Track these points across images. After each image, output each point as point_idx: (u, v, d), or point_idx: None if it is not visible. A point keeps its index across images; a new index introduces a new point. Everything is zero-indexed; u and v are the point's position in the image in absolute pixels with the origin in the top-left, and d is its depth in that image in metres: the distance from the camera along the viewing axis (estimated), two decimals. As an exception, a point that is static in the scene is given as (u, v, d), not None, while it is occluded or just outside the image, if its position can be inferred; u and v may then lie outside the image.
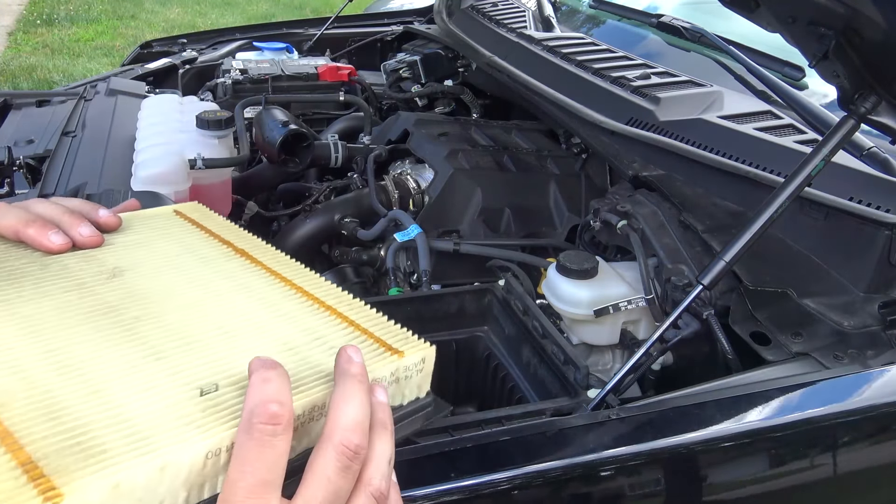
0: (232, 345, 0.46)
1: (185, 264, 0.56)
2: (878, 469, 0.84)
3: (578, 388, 0.80)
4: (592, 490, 0.71)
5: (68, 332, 0.46)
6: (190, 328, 0.48)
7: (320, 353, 0.47)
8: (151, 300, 0.50)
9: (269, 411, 0.38)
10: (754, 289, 0.89)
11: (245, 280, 0.54)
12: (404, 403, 0.50)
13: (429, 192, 1.32)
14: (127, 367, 0.43)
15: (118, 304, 0.49)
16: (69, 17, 5.87)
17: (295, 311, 0.51)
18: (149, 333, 0.46)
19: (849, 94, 0.82)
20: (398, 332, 0.51)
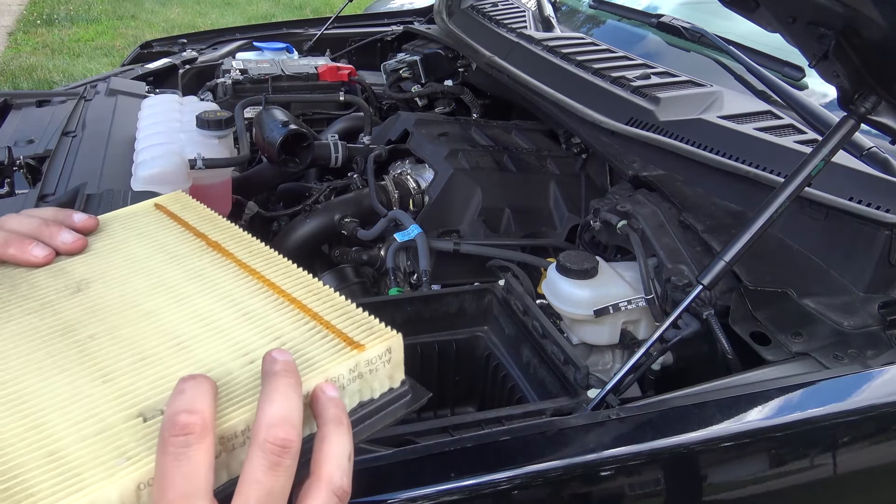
0: (185, 357, 0.46)
1: (154, 267, 0.55)
2: (878, 469, 0.84)
3: (578, 388, 0.80)
4: (592, 490, 0.71)
5: (20, 361, 0.46)
6: (144, 342, 0.47)
7: None
8: (111, 313, 0.50)
9: (178, 422, 0.37)
10: (754, 289, 0.89)
11: (212, 277, 0.53)
12: (375, 397, 0.48)
13: (429, 192, 1.32)
14: (72, 394, 0.43)
15: (77, 322, 0.49)
16: (69, 17, 5.87)
17: (258, 309, 0.50)
18: (101, 352, 0.46)
19: (849, 94, 0.82)
20: (364, 322, 0.49)
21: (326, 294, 0.51)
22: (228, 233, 0.59)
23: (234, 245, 0.57)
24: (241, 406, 0.42)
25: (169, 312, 0.50)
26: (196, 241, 0.58)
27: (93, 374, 0.44)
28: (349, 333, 0.47)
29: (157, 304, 0.51)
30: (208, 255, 0.56)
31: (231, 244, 0.57)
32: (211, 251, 0.56)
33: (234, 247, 0.57)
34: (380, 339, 0.47)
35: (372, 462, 0.65)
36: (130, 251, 0.57)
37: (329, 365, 0.45)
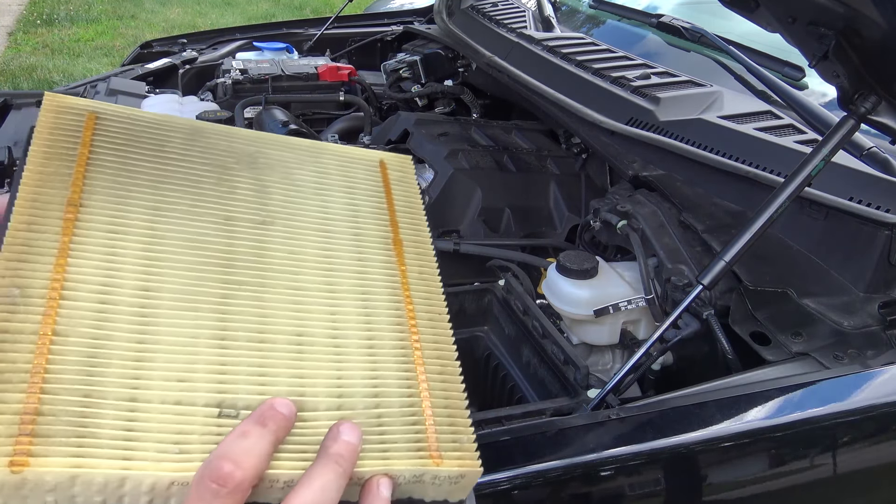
0: (292, 365, 0.45)
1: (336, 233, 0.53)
2: (878, 469, 0.84)
3: (578, 388, 0.80)
4: (592, 490, 0.71)
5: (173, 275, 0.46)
6: (274, 322, 0.47)
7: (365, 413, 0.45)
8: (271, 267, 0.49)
9: (219, 470, 0.36)
10: (754, 289, 0.89)
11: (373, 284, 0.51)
12: (426, 500, 0.45)
13: (429, 192, 1.32)
14: (186, 345, 0.44)
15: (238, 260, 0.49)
16: (69, 17, 5.87)
17: (384, 351, 0.48)
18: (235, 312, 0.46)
19: (849, 94, 0.82)
20: (458, 429, 0.46)
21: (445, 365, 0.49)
22: (415, 234, 0.56)
23: (412, 253, 0.55)
24: (297, 458, 0.41)
25: (314, 300, 0.49)
26: (387, 228, 0.55)
27: (215, 334, 0.45)
28: (438, 436, 0.45)
29: (312, 281, 0.50)
30: (385, 254, 0.54)
31: (410, 251, 0.55)
32: (391, 251, 0.54)
33: (411, 256, 0.55)
34: (459, 461, 0.44)
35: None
36: (331, 201, 0.55)
37: (398, 462, 0.43)
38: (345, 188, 0.57)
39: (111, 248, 0.46)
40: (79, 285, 0.43)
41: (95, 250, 0.45)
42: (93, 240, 0.46)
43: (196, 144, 0.53)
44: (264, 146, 0.56)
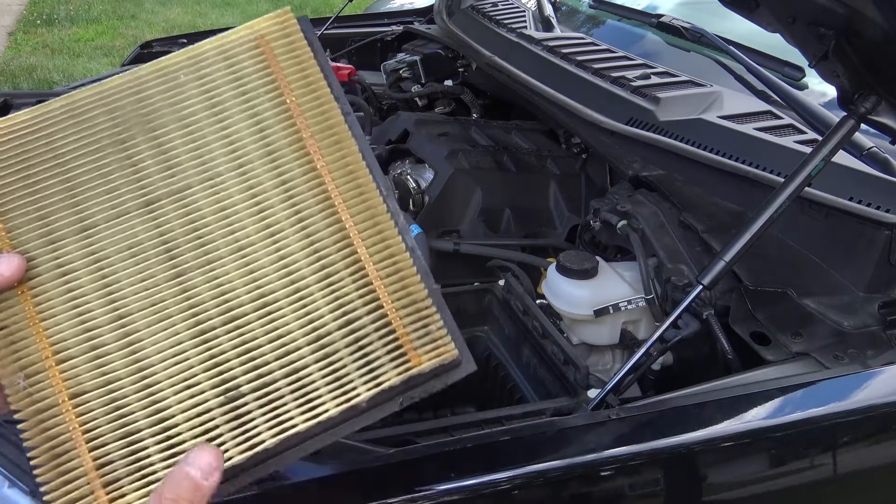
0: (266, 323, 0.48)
1: (245, 152, 0.52)
2: (878, 469, 0.84)
3: (578, 388, 0.80)
4: (592, 490, 0.71)
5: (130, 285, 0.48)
6: (233, 292, 0.49)
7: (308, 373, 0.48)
8: (205, 232, 0.50)
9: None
10: (754, 289, 0.89)
11: (303, 201, 0.51)
12: (425, 371, 0.48)
13: (429, 192, 1.32)
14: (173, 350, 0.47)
15: (175, 240, 0.50)
16: (69, 17, 5.87)
17: (339, 270, 0.49)
18: (197, 297, 0.48)
19: (849, 94, 0.82)
20: (426, 318, 0.49)
21: (402, 262, 0.50)
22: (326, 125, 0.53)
23: (330, 152, 0.52)
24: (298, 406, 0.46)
25: (259, 249, 0.50)
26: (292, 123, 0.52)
27: (189, 323, 0.48)
28: (412, 336, 0.48)
29: (249, 230, 0.50)
30: (301, 161, 0.52)
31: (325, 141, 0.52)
32: (306, 155, 0.52)
33: (330, 155, 0.52)
34: (436, 355, 0.48)
35: (372, 462, 0.65)
36: (231, 123, 0.52)
37: (386, 378, 0.47)
38: (239, 98, 0.53)
39: (69, 291, 0.48)
40: (65, 342, 0.46)
41: (59, 303, 0.47)
42: (51, 293, 0.48)
43: (82, 130, 0.51)
44: (145, 93, 0.53)
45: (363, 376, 0.47)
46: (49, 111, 0.52)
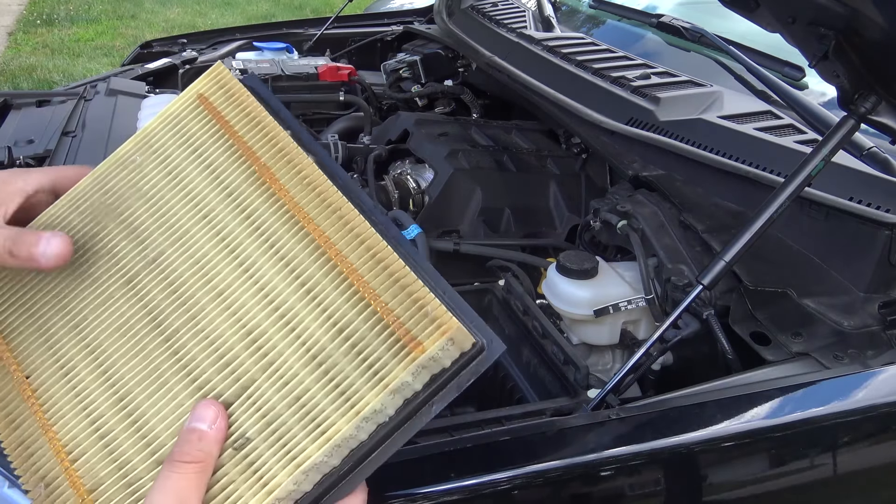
0: (260, 358, 0.47)
1: (212, 206, 0.53)
2: (878, 469, 0.84)
3: (578, 388, 0.80)
4: (592, 490, 0.71)
5: (121, 360, 0.50)
6: (222, 337, 0.49)
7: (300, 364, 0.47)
8: (187, 292, 0.51)
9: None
10: (754, 289, 0.89)
11: (270, 229, 0.51)
12: (446, 366, 0.45)
13: (429, 192, 1.32)
14: (173, 406, 0.47)
15: (159, 309, 0.51)
16: (69, 17, 5.87)
17: (319, 282, 0.48)
18: (187, 353, 0.49)
19: (849, 94, 0.82)
20: (420, 300, 0.45)
21: (381, 253, 0.48)
22: (276, 149, 0.53)
23: (286, 173, 0.52)
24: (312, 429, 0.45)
25: (236, 289, 0.50)
26: (248, 165, 0.53)
27: (186, 384, 0.48)
28: (408, 324, 0.45)
29: (227, 277, 0.50)
30: (260, 191, 0.52)
31: (282, 172, 0.52)
32: (263, 184, 0.52)
33: (283, 173, 0.52)
34: (440, 332, 0.44)
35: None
36: (190, 183, 0.54)
37: (392, 377, 0.44)
38: (192, 157, 0.55)
39: (72, 389, 0.50)
40: (76, 440, 0.48)
41: (65, 403, 0.49)
42: (56, 395, 0.50)
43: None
44: (108, 185, 0.56)
45: (367, 381, 0.44)
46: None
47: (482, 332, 0.46)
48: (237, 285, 0.50)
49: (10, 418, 0.51)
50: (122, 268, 0.53)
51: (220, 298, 0.50)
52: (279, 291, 0.49)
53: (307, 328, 0.47)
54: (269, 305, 0.49)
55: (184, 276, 0.51)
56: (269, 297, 0.49)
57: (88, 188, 0.56)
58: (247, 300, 0.49)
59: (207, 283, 0.51)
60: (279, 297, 0.49)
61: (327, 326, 0.47)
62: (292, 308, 0.48)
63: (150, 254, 0.53)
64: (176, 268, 0.52)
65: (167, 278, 0.52)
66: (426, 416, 0.46)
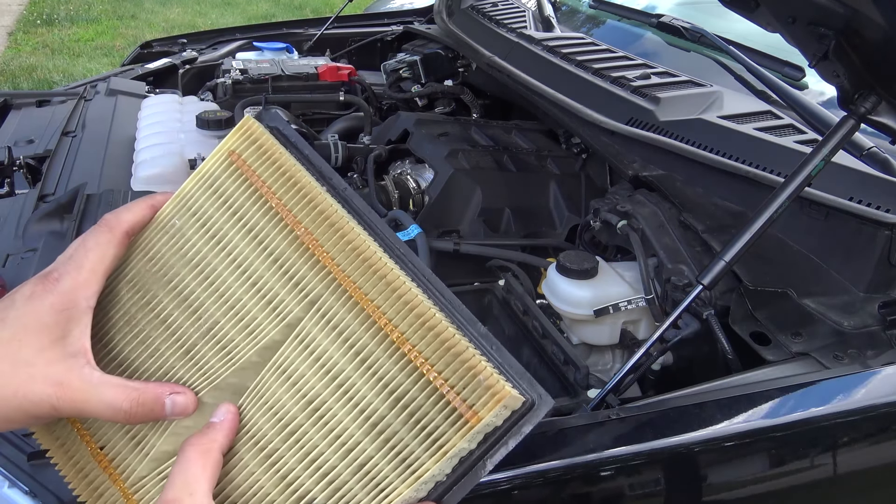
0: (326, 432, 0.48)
1: (259, 272, 0.52)
2: (878, 469, 0.84)
3: (578, 388, 0.80)
4: (592, 490, 0.71)
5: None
6: (289, 414, 0.49)
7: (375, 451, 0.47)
8: (252, 373, 0.51)
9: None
10: (754, 289, 0.89)
11: (321, 298, 0.51)
12: (499, 424, 0.46)
13: (429, 192, 1.32)
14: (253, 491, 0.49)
15: (220, 377, 0.52)
16: (69, 17, 5.87)
17: (372, 353, 0.48)
18: (261, 431, 0.50)
19: (849, 94, 0.82)
20: (473, 363, 0.45)
21: (431, 320, 0.47)
22: (317, 211, 0.53)
23: (328, 238, 0.52)
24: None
25: (293, 359, 0.50)
26: (288, 231, 0.53)
27: (254, 453, 0.49)
28: (462, 393, 0.45)
29: (278, 344, 0.51)
30: (305, 257, 0.52)
31: (325, 237, 0.52)
32: (307, 250, 0.52)
33: (329, 241, 0.52)
34: (494, 401, 0.44)
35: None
36: (233, 247, 0.54)
37: (449, 443, 0.45)
38: (231, 219, 0.54)
39: (144, 455, 0.51)
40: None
41: (139, 469, 0.51)
42: (128, 459, 0.52)
43: (113, 309, 0.56)
44: (152, 251, 0.56)
45: (427, 449, 0.45)
46: None
47: (532, 388, 0.47)
48: (293, 356, 0.50)
49: (93, 487, 0.52)
50: (178, 338, 0.53)
51: (279, 371, 0.50)
52: (335, 360, 0.49)
53: (364, 396, 0.48)
54: (326, 375, 0.49)
55: (240, 347, 0.52)
56: (326, 367, 0.49)
57: (133, 257, 0.56)
58: (304, 371, 0.49)
59: (263, 352, 0.51)
60: (336, 366, 0.49)
61: (384, 395, 0.47)
62: (349, 377, 0.48)
63: (203, 324, 0.53)
64: (232, 338, 0.52)
65: (224, 348, 0.52)
66: (480, 473, 0.46)
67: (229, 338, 0.52)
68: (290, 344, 0.50)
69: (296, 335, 0.50)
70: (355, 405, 0.47)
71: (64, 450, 0.53)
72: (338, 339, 0.49)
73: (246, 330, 0.52)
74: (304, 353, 0.50)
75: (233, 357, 0.52)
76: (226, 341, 0.52)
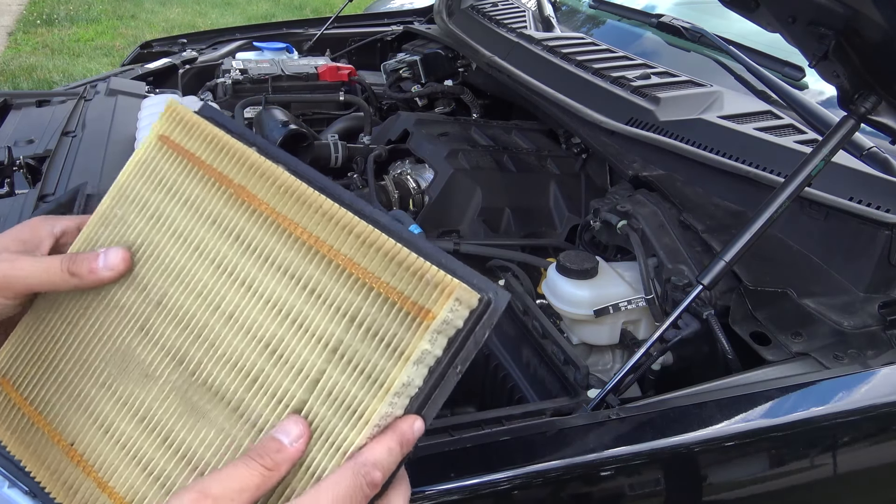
0: (285, 368, 0.48)
1: (199, 237, 0.54)
2: (878, 469, 0.84)
3: (578, 388, 0.80)
4: (592, 490, 0.71)
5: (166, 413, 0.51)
6: (244, 358, 0.50)
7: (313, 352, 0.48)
8: (200, 324, 0.51)
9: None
10: (754, 289, 0.89)
11: (259, 243, 0.52)
12: (459, 326, 0.47)
13: (429, 192, 1.32)
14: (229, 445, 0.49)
15: (179, 349, 0.52)
16: (69, 17, 5.87)
17: (319, 280, 0.49)
18: (221, 384, 0.50)
19: (849, 94, 0.82)
20: (416, 269, 0.46)
21: (370, 237, 0.49)
22: (247, 167, 0.54)
23: (261, 187, 0.53)
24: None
25: (244, 307, 0.51)
26: (223, 191, 0.54)
27: (221, 408, 0.49)
28: (412, 296, 0.46)
29: (229, 299, 0.51)
30: (241, 210, 0.53)
31: (258, 187, 0.53)
32: (243, 203, 0.53)
33: (262, 189, 0.53)
34: (444, 295, 0.45)
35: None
36: (172, 221, 0.55)
37: (409, 347, 0.45)
38: (169, 197, 0.56)
39: (115, 442, 0.51)
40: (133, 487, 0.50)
41: (111, 456, 0.51)
42: (100, 449, 0.52)
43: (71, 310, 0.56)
44: (93, 243, 0.57)
45: (389, 359, 0.46)
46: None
47: (485, 286, 0.48)
48: (244, 305, 0.51)
49: (67, 485, 0.52)
50: (132, 317, 0.54)
51: (232, 321, 0.51)
52: (285, 299, 0.50)
53: (319, 325, 0.48)
54: (279, 315, 0.50)
55: (192, 310, 0.52)
56: (277, 307, 0.50)
57: (79, 248, 0.57)
58: (257, 316, 0.50)
59: (215, 310, 0.51)
60: (286, 304, 0.50)
61: (338, 319, 0.48)
62: (301, 311, 0.49)
63: (153, 297, 0.54)
64: (182, 304, 0.53)
65: (176, 316, 0.53)
66: (453, 379, 0.48)
67: (179, 304, 0.52)
68: (238, 294, 0.51)
69: (242, 283, 0.51)
70: (311, 335, 0.48)
71: (37, 456, 0.53)
72: (284, 277, 0.50)
73: (194, 292, 0.52)
74: (253, 299, 0.50)
75: (184, 321, 0.52)
76: (177, 308, 0.52)
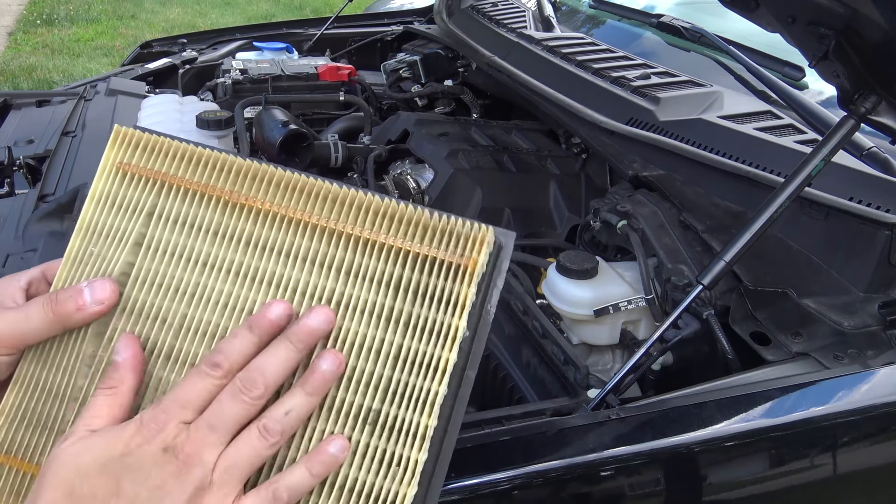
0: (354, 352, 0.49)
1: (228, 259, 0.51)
2: (878, 469, 0.84)
3: (578, 388, 0.80)
4: (592, 490, 0.71)
5: None
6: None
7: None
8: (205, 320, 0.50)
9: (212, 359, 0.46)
10: (754, 289, 0.89)
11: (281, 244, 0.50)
12: (485, 270, 0.49)
13: (429, 192, 1.32)
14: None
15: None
16: (69, 17, 5.87)
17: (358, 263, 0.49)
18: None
19: (849, 94, 0.82)
20: (448, 229, 0.49)
21: (390, 210, 0.50)
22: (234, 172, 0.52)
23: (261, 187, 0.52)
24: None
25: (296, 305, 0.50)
26: (215, 199, 0.52)
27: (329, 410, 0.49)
28: (449, 250, 0.49)
29: (259, 300, 0.50)
30: (244, 214, 0.51)
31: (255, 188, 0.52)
32: (243, 207, 0.51)
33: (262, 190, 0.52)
34: (479, 241, 0.49)
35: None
36: (150, 240, 0.52)
37: (462, 296, 0.47)
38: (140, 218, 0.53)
39: None
40: None
41: None
42: None
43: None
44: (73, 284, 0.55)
45: (445, 312, 0.48)
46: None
47: (495, 228, 0.51)
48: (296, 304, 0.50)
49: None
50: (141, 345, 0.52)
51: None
52: (329, 288, 0.50)
53: (368, 301, 0.49)
54: (321, 302, 0.49)
55: (214, 321, 0.50)
56: (316, 296, 0.50)
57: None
58: (297, 310, 0.49)
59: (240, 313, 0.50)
60: (333, 293, 0.50)
61: (383, 291, 0.49)
62: (349, 294, 0.49)
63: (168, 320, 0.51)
64: (200, 317, 0.50)
65: (198, 329, 0.50)
66: (488, 317, 0.50)
67: (198, 317, 0.50)
68: (271, 294, 0.50)
69: (275, 284, 0.50)
70: (363, 313, 0.49)
71: (16, 493, 0.51)
72: (312, 268, 0.50)
73: (213, 303, 0.51)
74: (286, 296, 0.50)
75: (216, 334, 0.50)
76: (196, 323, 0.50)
